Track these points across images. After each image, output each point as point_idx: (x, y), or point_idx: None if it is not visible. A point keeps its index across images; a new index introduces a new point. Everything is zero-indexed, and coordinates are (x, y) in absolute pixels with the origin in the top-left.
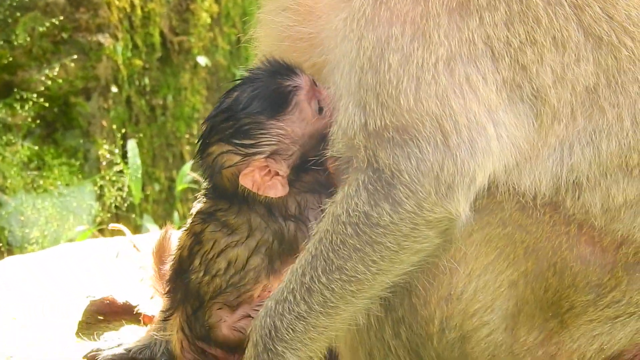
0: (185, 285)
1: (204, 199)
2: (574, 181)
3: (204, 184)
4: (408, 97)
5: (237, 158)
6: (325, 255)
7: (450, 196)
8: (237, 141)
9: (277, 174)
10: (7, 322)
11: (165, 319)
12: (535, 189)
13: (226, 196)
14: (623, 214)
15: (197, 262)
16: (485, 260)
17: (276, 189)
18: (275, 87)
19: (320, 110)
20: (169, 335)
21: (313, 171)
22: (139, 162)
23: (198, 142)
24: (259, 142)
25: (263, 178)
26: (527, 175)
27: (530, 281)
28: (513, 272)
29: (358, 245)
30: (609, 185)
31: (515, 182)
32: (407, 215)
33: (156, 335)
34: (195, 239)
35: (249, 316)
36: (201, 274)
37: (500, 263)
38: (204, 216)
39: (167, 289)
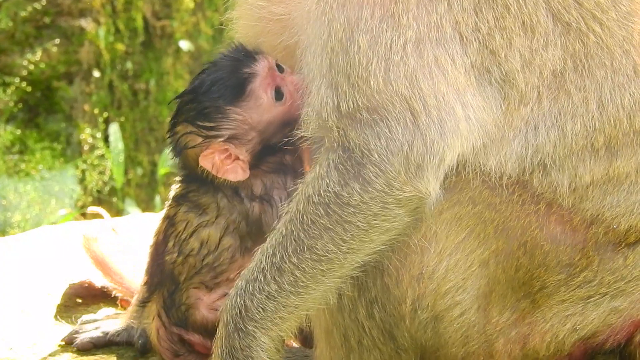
0: (161, 269)
1: (178, 184)
2: (539, 162)
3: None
4: (377, 78)
5: (199, 139)
6: (296, 235)
7: (420, 175)
8: (200, 123)
9: (237, 157)
10: None
11: (142, 306)
12: (500, 169)
13: (194, 176)
14: (591, 194)
15: (170, 243)
16: (455, 239)
17: (235, 173)
18: (233, 73)
19: (279, 96)
20: (146, 323)
21: (279, 153)
22: (121, 146)
23: (169, 120)
24: (218, 126)
25: (223, 161)
26: (493, 156)
27: (501, 260)
28: (484, 251)
29: (329, 225)
30: (576, 165)
31: (481, 162)
32: (377, 194)
33: (132, 322)
34: (169, 221)
35: (227, 294)
36: (175, 254)
37: (470, 242)
38: (177, 199)
39: (144, 277)
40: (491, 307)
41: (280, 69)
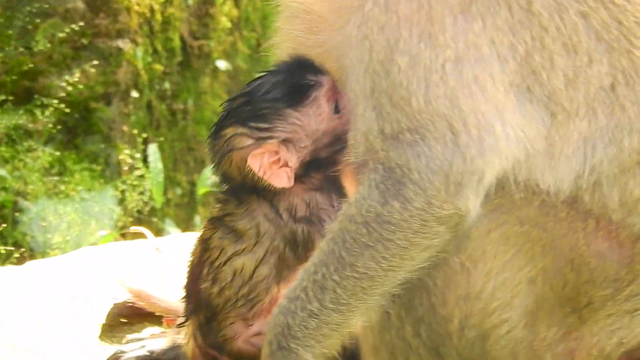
0: (197, 294)
1: (216, 204)
2: (595, 179)
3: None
4: (418, 98)
5: (250, 141)
6: (338, 253)
7: (460, 193)
8: (253, 124)
9: (286, 164)
10: (30, 327)
11: (180, 326)
12: (556, 187)
13: (233, 189)
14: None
15: (205, 270)
16: (503, 258)
17: (281, 179)
18: (297, 78)
19: (337, 111)
20: (184, 343)
21: (323, 170)
22: (160, 166)
23: (213, 125)
24: (274, 127)
25: (271, 164)
26: (548, 173)
27: (549, 278)
28: (531, 269)
29: (369, 243)
30: (627, 180)
31: (534, 180)
32: (417, 212)
33: (178, 339)
34: (204, 245)
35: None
36: (209, 282)
37: (518, 261)
38: (214, 222)
39: (183, 295)
40: (538, 324)
41: (336, 84)
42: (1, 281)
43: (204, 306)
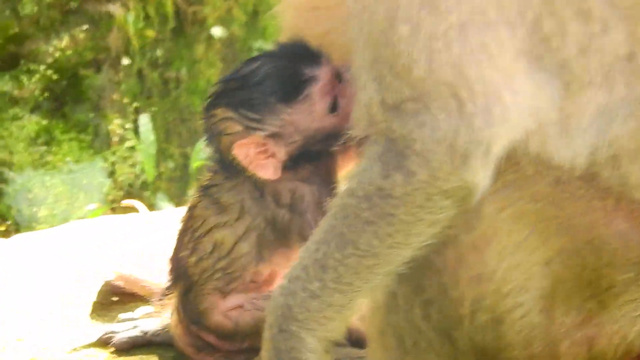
0: (178, 263)
1: (207, 173)
2: (614, 153)
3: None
4: (420, 66)
5: (238, 128)
6: (339, 230)
7: (466, 165)
8: (243, 111)
9: (273, 155)
10: (17, 303)
11: (164, 297)
12: (571, 161)
13: (223, 165)
14: None
15: (186, 238)
16: (516, 238)
17: (267, 170)
18: (292, 71)
19: (334, 108)
20: (170, 318)
21: (312, 162)
22: (152, 137)
23: (205, 99)
24: (263, 119)
25: (257, 155)
26: (563, 146)
27: (566, 259)
28: (547, 250)
29: (371, 219)
30: None
31: (548, 154)
32: (421, 185)
33: (170, 320)
34: (189, 213)
35: (242, 306)
36: (188, 252)
37: (533, 240)
38: (201, 190)
39: (169, 265)
40: (555, 308)
41: (339, 77)
42: None
43: (183, 275)
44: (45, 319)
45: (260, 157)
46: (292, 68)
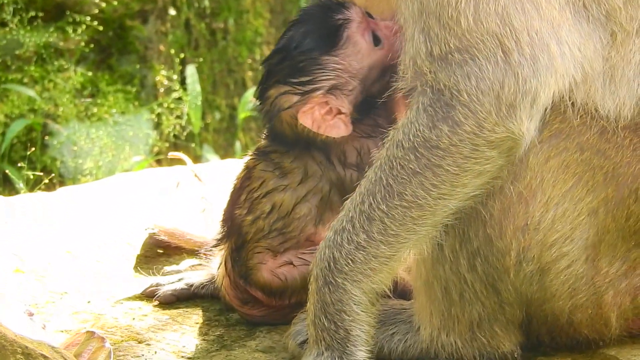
0: (232, 219)
1: (264, 137)
2: None
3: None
4: (467, 17)
5: (296, 98)
6: (385, 181)
7: (512, 115)
8: (294, 80)
9: (339, 112)
10: (61, 255)
11: (214, 249)
12: (617, 111)
13: (286, 143)
14: None
15: (243, 197)
16: (563, 188)
17: (339, 128)
18: (325, 22)
19: (377, 41)
20: (217, 269)
21: (374, 114)
22: (198, 88)
23: (257, 87)
24: (315, 78)
25: (324, 116)
26: (608, 96)
27: (611, 209)
28: (592, 199)
29: (417, 170)
30: None
31: (593, 104)
32: (467, 136)
33: (215, 272)
34: (247, 173)
35: (292, 263)
36: (245, 211)
37: (578, 190)
38: (259, 153)
39: (221, 219)
40: (600, 258)
41: (369, 14)
42: (31, 208)
43: (236, 232)
44: (89, 273)
45: (327, 119)
46: (323, 19)
